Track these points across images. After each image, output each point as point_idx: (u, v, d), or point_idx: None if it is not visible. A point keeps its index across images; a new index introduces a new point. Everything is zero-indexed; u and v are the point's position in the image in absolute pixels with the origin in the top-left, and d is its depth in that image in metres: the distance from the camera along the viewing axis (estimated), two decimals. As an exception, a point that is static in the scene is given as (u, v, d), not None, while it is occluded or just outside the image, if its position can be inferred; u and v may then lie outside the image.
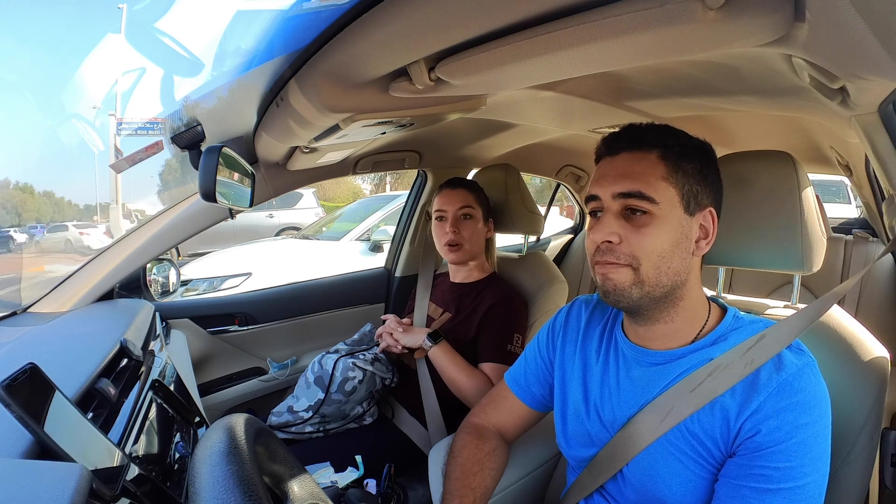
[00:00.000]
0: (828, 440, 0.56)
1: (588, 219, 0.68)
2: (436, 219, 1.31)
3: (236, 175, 1.00)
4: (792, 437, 0.54)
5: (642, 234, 0.60)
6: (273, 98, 0.84)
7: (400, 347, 1.25)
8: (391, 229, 2.86)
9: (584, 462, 0.72)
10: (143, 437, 0.66)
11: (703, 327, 0.66)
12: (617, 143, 0.65)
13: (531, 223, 1.44)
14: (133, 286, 1.30)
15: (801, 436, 0.54)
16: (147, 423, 0.70)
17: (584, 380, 0.75)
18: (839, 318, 0.69)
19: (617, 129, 0.67)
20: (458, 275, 1.37)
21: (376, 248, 3.67)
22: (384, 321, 1.33)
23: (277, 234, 7.08)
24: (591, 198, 0.65)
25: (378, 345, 1.31)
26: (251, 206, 1.10)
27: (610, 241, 0.61)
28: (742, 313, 0.68)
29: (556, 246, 2.50)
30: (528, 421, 0.87)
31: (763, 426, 0.55)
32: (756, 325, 0.65)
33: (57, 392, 0.50)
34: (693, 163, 0.63)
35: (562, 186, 2.49)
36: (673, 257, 0.61)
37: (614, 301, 0.63)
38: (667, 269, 0.61)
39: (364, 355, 1.27)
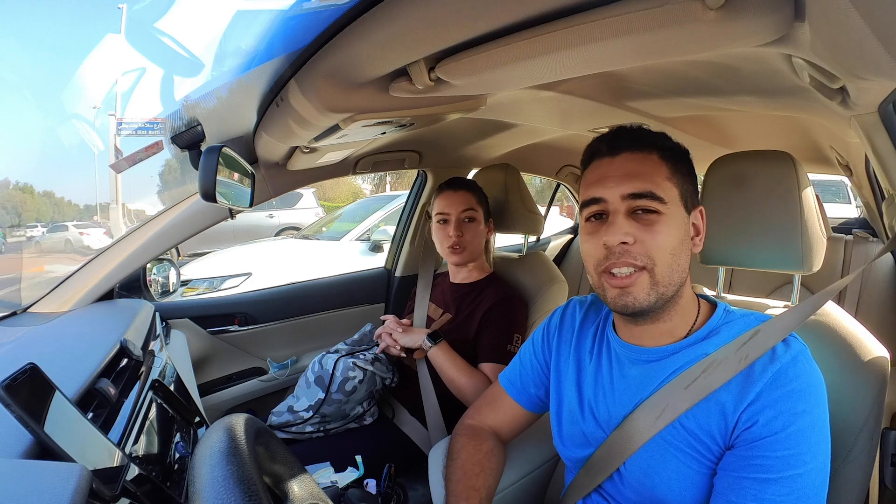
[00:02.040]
0: (826, 427, 0.56)
1: (584, 224, 0.67)
2: (437, 221, 1.30)
3: (236, 175, 1.00)
4: (790, 426, 0.54)
5: (655, 233, 0.60)
6: (273, 98, 0.84)
7: (399, 348, 1.25)
8: (391, 229, 2.86)
9: (581, 462, 0.72)
10: (143, 437, 0.66)
11: (695, 323, 0.66)
12: (619, 143, 0.64)
13: (531, 223, 1.44)
14: (133, 286, 1.30)
15: (798, 423, 0.54)
16: (147, 423, 0.70)
17: (578, 380, 0.75)
18: (839, 317, 0.69)
19: (608, 131, 0.68)
20: (458, 275, 1.37)
21: (376, 248, 3.67)
22: (384, 322, 1.33)
23: (277, 234, 7.08)
24: (592, 201, 0.64)
25: (378, 345, 1.31)
26: (251, 206, 1.10)
27: (625, 243, 0.60)
28: (733, 308, 0.68)
29: (556, 246, 2.51)
30: (523, 422, 0.87)
31: (760, 416, 0.56)
32: (747, 318, 0.65)
33: (57, 392, 0.50)
34: (685, 164, 0.66)
35: (562, 186, 2.49)
36: (681, 255, 0.62)
37: (631, 311, 0.62)
38: (677, 267, 0.62)
39: (364, 355, 1.27)
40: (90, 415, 0.62)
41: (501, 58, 0.59)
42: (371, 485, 1.05)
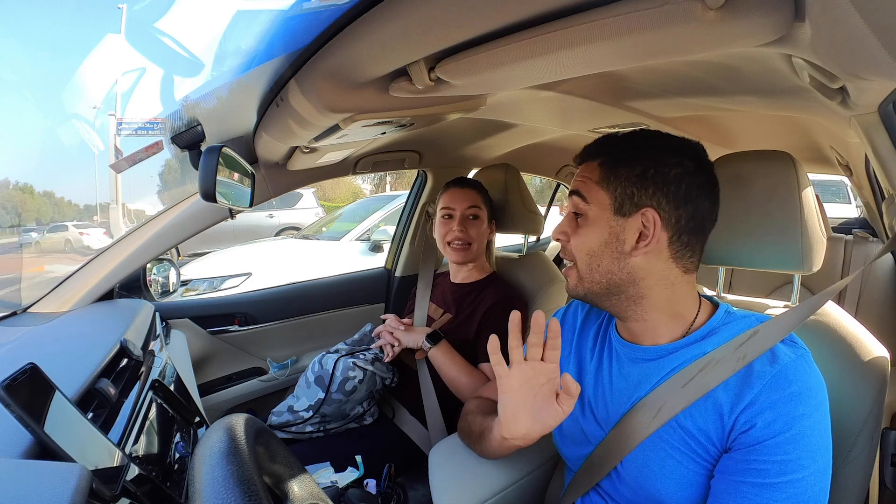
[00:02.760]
0: (827, 430, 0.56)
1: None
2: (442, 217, 1.30)
3: (236, 175, 1.00)
4: (789, 429, 0.54)
5: (577, 234, 0.67)
6: (273, 98, 0.84)
7: (398, 344, 1.25)
8: (391, 229, 2.86)
9: (580, 461, 0.72)
10: (143, 437, 0.66)
11: (693, 323, 0.66)
12: (581, 156, 0.71)
13: (531, 223, 1.44)
14: (133, 286, 1.30)
15: (798, 427, 0.54)
16: (147, 423, 0.70)
17: (578, 379, 0.75)
18: (839, 317, 0.69)
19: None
20: (458, 275, 1.37)
21: (376, 248, 3.67)
22: (384, 321, 1.33)
23: (277, 234, 7.09)
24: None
25: (382, 349, 1.30)
26: (251, 206, 1.10)
27: (559, 239, 0.70)
28: (734, 309, 0.68)
29: (556, 246, 2.51)
30: None
31: (758, 420, 0.55)
32: (748, 319, 0.65)
33: (57, 392, 0.50)
34: (633, 167, 0.63)
35: (562, 186, 2.49)
36: (602, 257, 0.65)
37: (571, 295, 0.71)
38: (597, 268, 0.65)
39: (364, 355, 1.27)
40: (90, 415, 0.62)
41: (501, 58, 0.59)
42: (371, 485, 1.05)
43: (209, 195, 0.87)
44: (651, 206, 0.63)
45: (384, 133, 1.02)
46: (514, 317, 0.63)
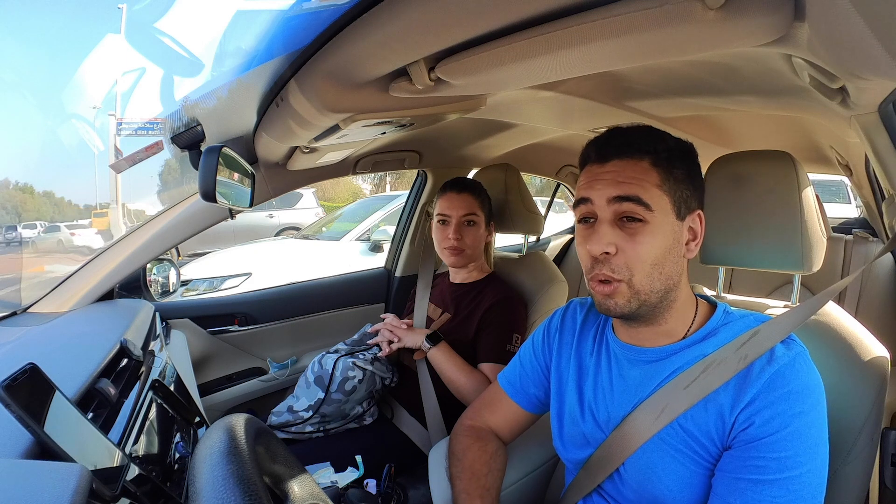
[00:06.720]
0: (823, 428, 0.56)
1: (577, 226, 0.68)
2: (438, 221, 1.30)
3: (236, 175, 1.00)
4: (786, 427, 0.54)
5: (637, 243, 0.60)
6: (273, 98, 0.84)
7: (397, 341, 1.25)
8: (391, 229, 2.86)
9: (580, 464, 0.72)
10: (143, 437, 0.66)
11: (693, 323, 0.66)
12: (608, 150, 0.64)
13: (531, 223, 1.44)
14: (133, 286, 1.30)
15: (795, 425, 0.54)
16: (147, 423, 0.70)
17: (578, 381, 0.75)
18: (839, 317, 0.69)
19: (602, 133, 0.67)
20: (457, 275, 1.36)
21: (376, 248, 3.67)
22: (384, 321, 1.33)
23: (277, 234, 7.09)
24: (581, 201, 0.65)
25: (377, 345, 1.30)
26: (251, 206, 1.10)
27: (607, 252, 0.61)
28: (732, 308, 0.68)
29: (556, 246, 2.50)
30: (523, 423, 0.87)
31: (756, 418, 0.56)
32: (746, 319, 0.65)
33: (57, 392, 0.50)
34: (682, 168, 0.63)
35: (562, 186, 2.49)
36: (665, 263, 0.61)
37: (615, 315, 0.64)
38: (659, 275, 0.61)
39: (364, 355, 1.27)
40: (90, 415, 0.62)
41: (501, 58, 0.59)
42: (371, 485, 1.05)
43: (209, 195, 0.87)
44: (699, 208, 0.65)
45: (384, 133, 1.02)
46: None
